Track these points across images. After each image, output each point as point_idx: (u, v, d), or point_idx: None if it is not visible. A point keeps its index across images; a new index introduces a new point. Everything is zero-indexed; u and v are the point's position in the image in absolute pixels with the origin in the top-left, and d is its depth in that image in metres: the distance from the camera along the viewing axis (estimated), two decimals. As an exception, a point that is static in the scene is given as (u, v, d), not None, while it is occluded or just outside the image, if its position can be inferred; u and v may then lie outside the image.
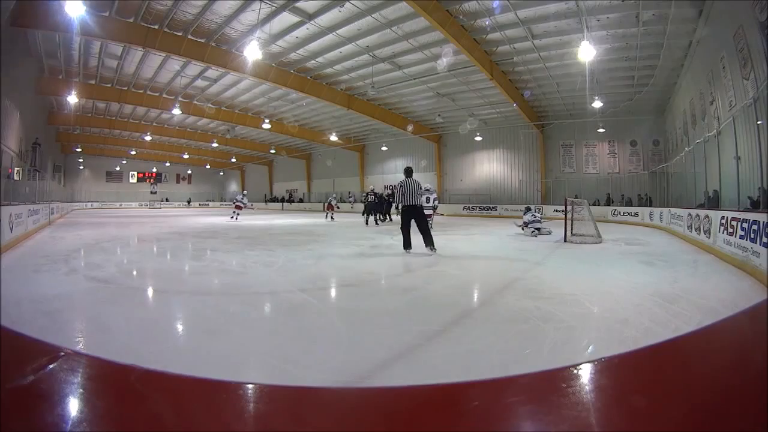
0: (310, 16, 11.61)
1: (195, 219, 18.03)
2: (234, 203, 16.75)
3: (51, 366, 0.68)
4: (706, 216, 7.01)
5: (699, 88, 10.68)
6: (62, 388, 0.66)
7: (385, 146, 26.90)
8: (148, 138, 27.32)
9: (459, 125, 21.12)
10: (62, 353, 0.75)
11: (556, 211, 16.70)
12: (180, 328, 2.97)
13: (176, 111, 18.24)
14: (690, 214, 8.25)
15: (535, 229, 9.85)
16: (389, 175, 28.02)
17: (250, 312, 3.29)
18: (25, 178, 11.98)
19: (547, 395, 0.64)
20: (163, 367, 0.76)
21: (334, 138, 24.73)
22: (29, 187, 11.62)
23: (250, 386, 0.71)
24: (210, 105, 19.83)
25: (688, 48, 11.03)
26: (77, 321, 3.01)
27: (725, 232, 5.85)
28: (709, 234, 6.72)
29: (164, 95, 18.57)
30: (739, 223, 5.30)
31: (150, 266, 5.49)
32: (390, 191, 15.29)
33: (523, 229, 10.17)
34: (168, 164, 39.67)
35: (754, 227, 4.79)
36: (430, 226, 7.17)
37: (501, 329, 2.82)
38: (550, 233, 9.79)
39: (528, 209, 10.95)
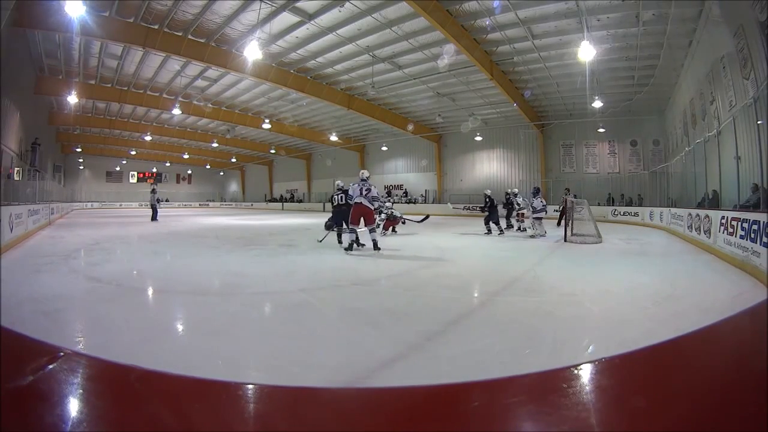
0: (310, 16, 11.61)
1: (195, 219, 18.03)
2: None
3: (51, 366, 0.68)
4: (707, 216, 7.01)
5: (699, 88, 10.67)
6: (62, 388, 0.66)
7: (385, 146, 26.89)
8: (148, 138, 27.29)
9: (459, 125, 21.11)
10: (62, 353, 0.75)
11: (556, 211, 16.68)
12: (180, 328, 2.97)
13: (176, 111, 18.22)
14: (690, 214, 8.25)
15: (534, 224, 9.20)
16: (389, 174, 28.02)
17: (249, 312, 3.29)
18: (25, 178, 11.97)
19: (547, 395, 0.64)
20: (164, 368, 0.76)
21: (334, 138, 24.72)
22: (29, 187, 11.61)
23: (250, 386, 0.71)
24: (210, 105, 19.81)
25: (688, 48, 11.01)
26: (78, 321, 3.01)
27: (725, 232, 5.85)
28: (710, 234, 6.71)
29: (164, 95, 18.55)
30: (739, 223, 5.30)
31: (150, 266, 5.48)
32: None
33: (533, 224, 9.34)
34: (168, 164, 39.63)
35: (754, 227, 4.79)
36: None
37: (501, 329, 2.82)
38: (544, 235, 9.25)
39: (537, 191, 9.86)
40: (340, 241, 7.18)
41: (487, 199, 10.13)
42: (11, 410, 0.54)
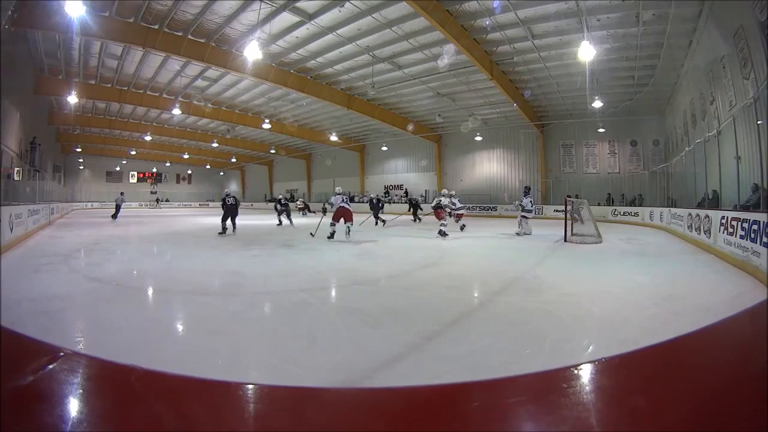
0: (310, 16, 11.60)
1: (195, 219, 18.02)
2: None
3: (51, 366, 0.68)
4: (707, 216, 7.01)
5: (699, 88, 10.67)
6: (62, 388, 0.66)
7: (385, 146, 26.88)
8: (148, 138, 27.27)
9: (459, 125, 21.11)
10: (62, 353, 0.75)
11: (557, 211, 16.70)
12: (180, 328, 2.97)
13: (176, 111, 18.23)
14: (690, 214, 8.25)
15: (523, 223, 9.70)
16: (389, 174, 28.01)
17: (250, 312, 3.29)
18: (25, 178, 11.97)
19: (547, 395, 0.64)
20: (163, 368, 0.76)
21: (334, 138, 24.71)
22: (29, 187, 11.61)
23: (250, 386, 0.71)
24: (210, 105, 19.80)
25: (688, 48, 11.01)
26: (78, 321, 3.01)
27: (725, 231, 5.85)
28: (710, 234, 6.72)
29: (164, 95, 18.55)
30: (739, 223, 5.30)
31: (150, 266, 5.48)
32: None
33: (520, 222, 9.86)
34: (168, 164, 39.61)
35: (754, 227, 4.79)
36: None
37: (501, 329, 2.82)
38: (529, 234, 9.74)
39: (527, 190, 10.48)
40: (221, 232, 10.01)
41: (375, 200, 14.10)
42: (11, 410, 0.54)
